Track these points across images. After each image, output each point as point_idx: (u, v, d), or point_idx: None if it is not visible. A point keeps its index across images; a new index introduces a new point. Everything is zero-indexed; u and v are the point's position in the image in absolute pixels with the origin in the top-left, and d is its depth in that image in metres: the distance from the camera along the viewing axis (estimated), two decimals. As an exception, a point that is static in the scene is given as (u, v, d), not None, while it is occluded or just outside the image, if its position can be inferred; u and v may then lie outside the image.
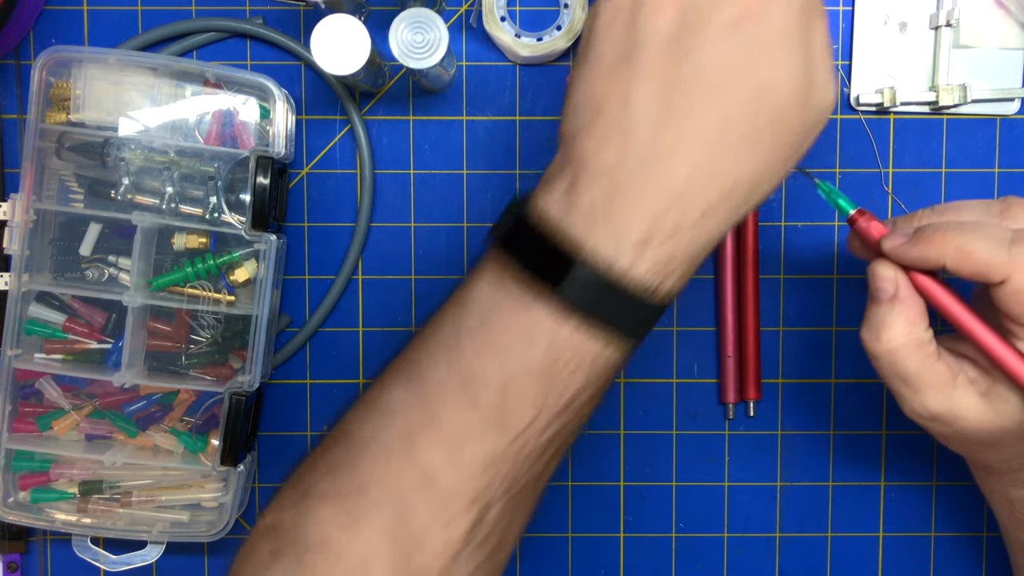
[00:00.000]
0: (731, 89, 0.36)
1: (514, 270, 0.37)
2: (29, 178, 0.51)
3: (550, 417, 0.38)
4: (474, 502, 0.37)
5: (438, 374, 0.38)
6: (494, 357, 0.37)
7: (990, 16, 0.54)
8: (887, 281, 0.43)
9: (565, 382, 0.37)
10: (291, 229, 0.56)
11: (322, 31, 0.47)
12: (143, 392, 0.54)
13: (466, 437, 0.37)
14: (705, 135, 0.36)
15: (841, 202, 0.45)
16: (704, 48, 0.36)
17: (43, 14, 0.55)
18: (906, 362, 0.42)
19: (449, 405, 0.38)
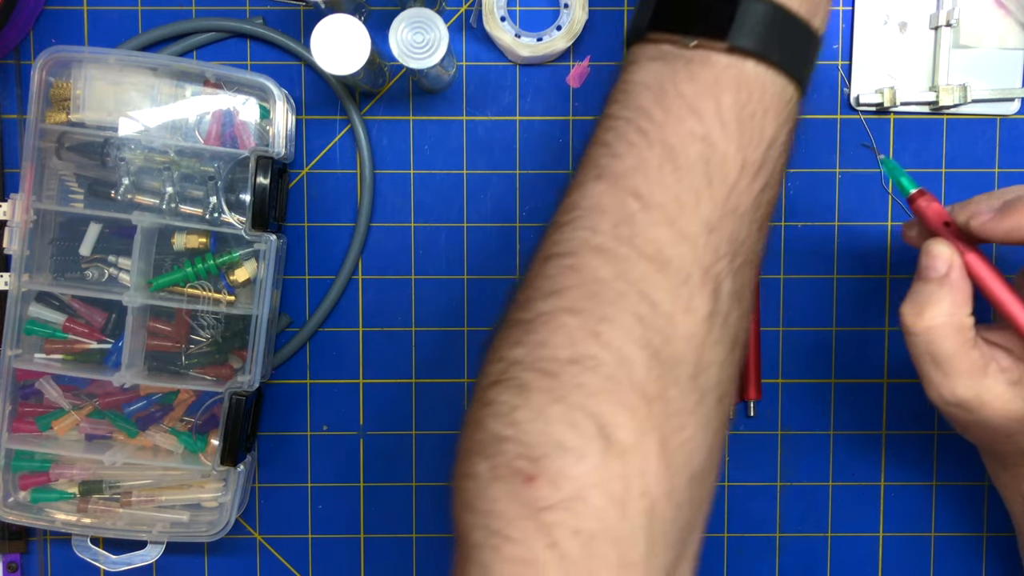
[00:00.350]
0: None
1: (671, 41, 0.36)
2: (29, 178, 0.51)
3: (754, 169, 0.36)
4: (706, 277, 0.35)
5: (630, 161, 0.36)
6: (683, 123, 0.36)
7: (990, 16, 0.54)
8: (941, 260, 0.43)
9: (759, 128, 0.36)
10: (291, 229, 0.56)
11: (322, 31, 0.47)
12: (143, 392, 0.54)
13: (680, 210, 0.35)
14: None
15: (904, 180, 0.45)
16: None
17: (43, 14, 0.55)
18: (944, 343, 0.42)
19: (654, 184, 0.35)
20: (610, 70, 0.55)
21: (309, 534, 0.57)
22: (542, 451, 0.33)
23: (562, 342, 0.34)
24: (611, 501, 0.32)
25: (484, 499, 0.34)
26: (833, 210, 0.56)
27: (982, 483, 0.57)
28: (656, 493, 0.33)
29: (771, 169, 0.37)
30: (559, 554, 0.32)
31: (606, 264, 0.35)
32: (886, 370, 0.57)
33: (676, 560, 0.35)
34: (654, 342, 0.34)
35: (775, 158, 0.37)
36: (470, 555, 0.34)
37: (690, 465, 0.34)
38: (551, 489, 0.32)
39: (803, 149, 0.55)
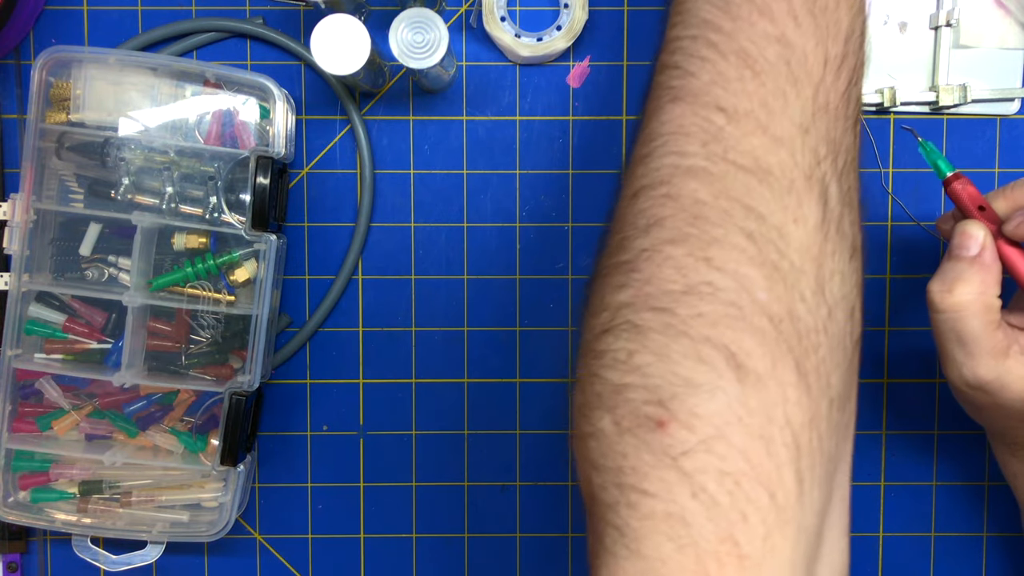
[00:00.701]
0: None
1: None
2: (29, 178, 0.51)
3: (837, 63, 0.34)
4: (811, 182, 0.33)
5: (705, 76, 0.34)
6: (755, 26, 0.34)
7: (990, 16, 0.54)
8: (974, 240, 0.43)
9: (834, 20, 0.34)
10: (291, 229, 0.56)
11: (322, 31, 0.47)
12: (143, 392, 0.54)
13: (770, 115, 0.33)
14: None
15: (940, 163, 0.45)
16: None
17: (43, 14, 0.55)
18: (971, 321, 0.42)
19: (737, 94, 0.34)
20: (610, 70, 0.55)
21: (309, 534, 0.57)
22: (670, 392, 0.30)
23: (671, 275, 0.31)
24: (754, 437, 0.29)
25: (613, 454, 0.31)
26: (833, 210, 0.56)
27: (982, 483, 0.57)
28: (799, 422, 0.30)
29: (854, 62, 0.35)
30: (706, 502, 0.29)
31: (703, 185, 0.32)
32: (886, 370, 0.57)
33: (826, 501, 0.33)
34: (770, 258, 0.31)
35: (855, 50, 0.35)
36: (604, 517, 0.31)
37: (829, 387, 0.32)
38: (687, 432, 0.29)
39: (803, 149, 0.55)
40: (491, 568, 0.57)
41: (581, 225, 0.56)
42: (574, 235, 0.56)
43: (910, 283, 0.56)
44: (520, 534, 0.57)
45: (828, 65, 0.34)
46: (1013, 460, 0.49)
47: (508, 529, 0.57)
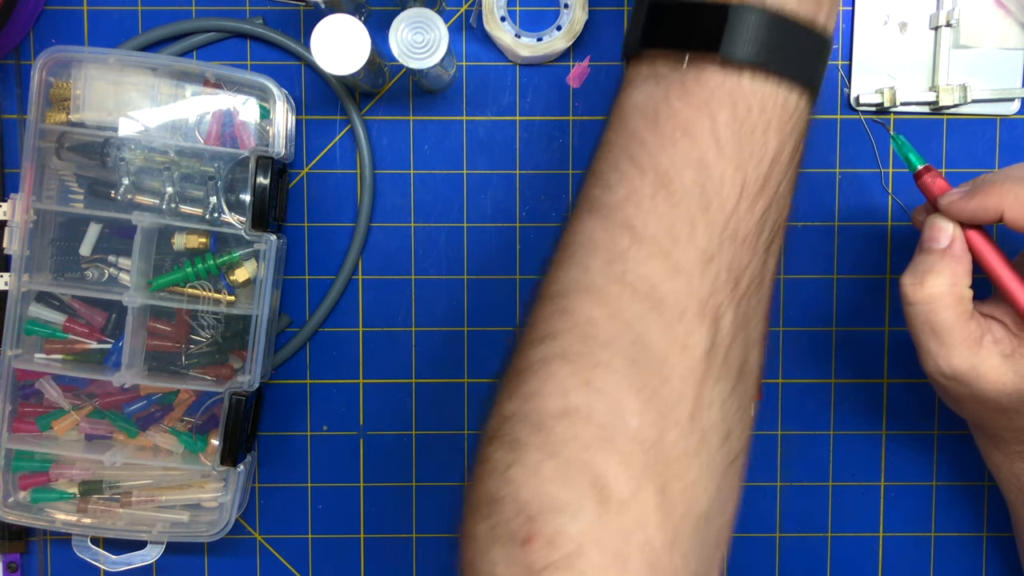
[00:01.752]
0: None
1: (665, 57, 0.35)
2: (29, 178, 0.51)
3: (755, 188, 0.34)
4: (704, 311, 0.33)
5: (622, 191, 0.35)
6: (676, 145, 0.34)
7: (990, 16, 0.54)
8: (944, 232, 0.44)
9: (760, 144, 0.34)
10: (291, 229, 0.56)
11: (322, 31, 0.47)
12: (143, 392, 0.54)
13: (675, 240, 0.34)
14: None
15: (911, 156, 0.46)
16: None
17: (43, 14, 0.55)
18: (943, 312, 0.43)
19: (647, 214, 0.34)
20: (610, 70, 0.55)
21: (309, 534, 0.57)
22: (537, 510, 0.32)
23: (553, 391, 0.33)
24: (611, 557, 0.31)
25: (484, 562, 0.33)
26: (833, 210, 0.56)
27: (982, 483, 0.57)
28: (658, 544, 0.32)
29: (776, 186, 0.35)
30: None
31: (598, 305, 0.34)
32: (886, 370, 0.57)
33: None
34: (650, 384, 0.33)
35: (781, 172, 0.35)
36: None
37: (694, 510, 0.33)
38: (548, 549, 0.31)
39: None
40: (491, 568, 0.57)
41: (581, 225, 0.56)
42: (574, 235, 0.56)
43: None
44: (520, 534, 0.57)
45: (745, 191, 0.34)
46: (996, 452, 0.49)
47: (508, 529, 0.57)
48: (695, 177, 0.34)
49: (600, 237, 0.35)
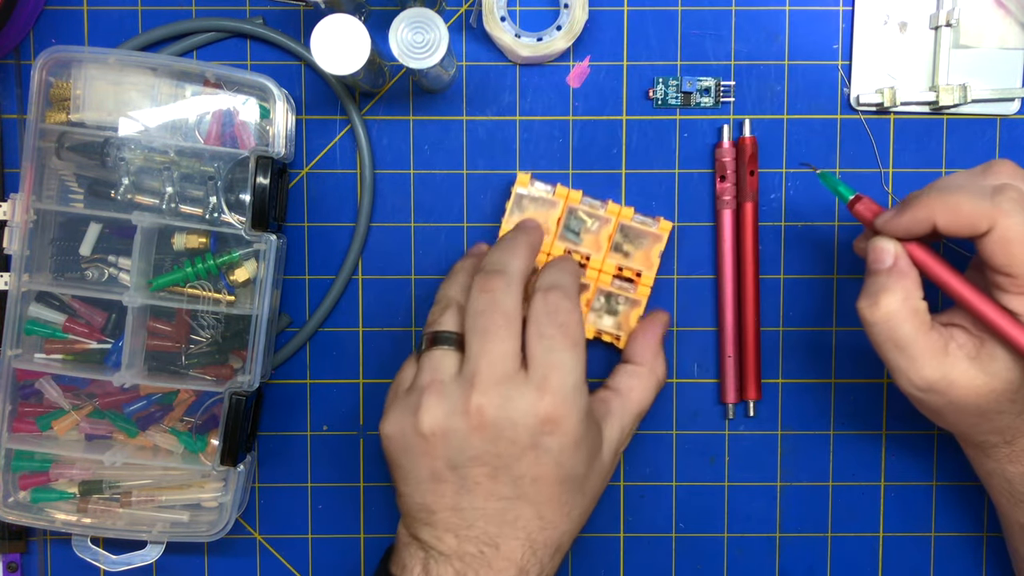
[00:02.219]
0: (541, 487, 0.46)
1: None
2: (29, 178, 0.51)
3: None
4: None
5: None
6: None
7: (990, 16, 0.54)
8: (886, 252, 0.45)
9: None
10: (291, 229, 0.56)
11: (322, 31, 0.47)
12: (143, 392, 0.54)
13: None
14: (529, 523, 0.46)
15: (841, 189, 0.48)
16: (516, 460, 0.45)
17: (43, 14, 0.55)
18: (903, 326, 0.44)
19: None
20: (610, 70, 0.55)
21: (309, 534, 0.57)
22: None
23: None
24: None
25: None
26: (833, 210, 0.56)
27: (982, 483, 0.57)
28: None
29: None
30: None
31: None
32: (886, 370, 0.57)
33: None
34: None
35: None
36: None
37: None
38: None
39: (803, 149, 0.56)
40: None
41: (581, 225, 0.56)
42: (574, 235, 0.56)
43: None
44: (520, 534, 0.57)
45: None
46: (986, 460, 0.49)
47: (508, 529, 0.57)
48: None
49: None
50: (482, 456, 0.45)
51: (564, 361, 0.45)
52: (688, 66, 0.55)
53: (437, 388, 0.45)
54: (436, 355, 0.47)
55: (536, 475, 0.45)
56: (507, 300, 0.46)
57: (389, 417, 0.47)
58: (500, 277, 0.47)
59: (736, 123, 0.55)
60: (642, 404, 0.51)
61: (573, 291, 0.48)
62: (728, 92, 0.55)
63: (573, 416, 0.45)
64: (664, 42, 0.55)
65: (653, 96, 0.55)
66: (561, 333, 0.46)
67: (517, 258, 0.48)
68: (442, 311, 0.48)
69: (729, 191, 0.55)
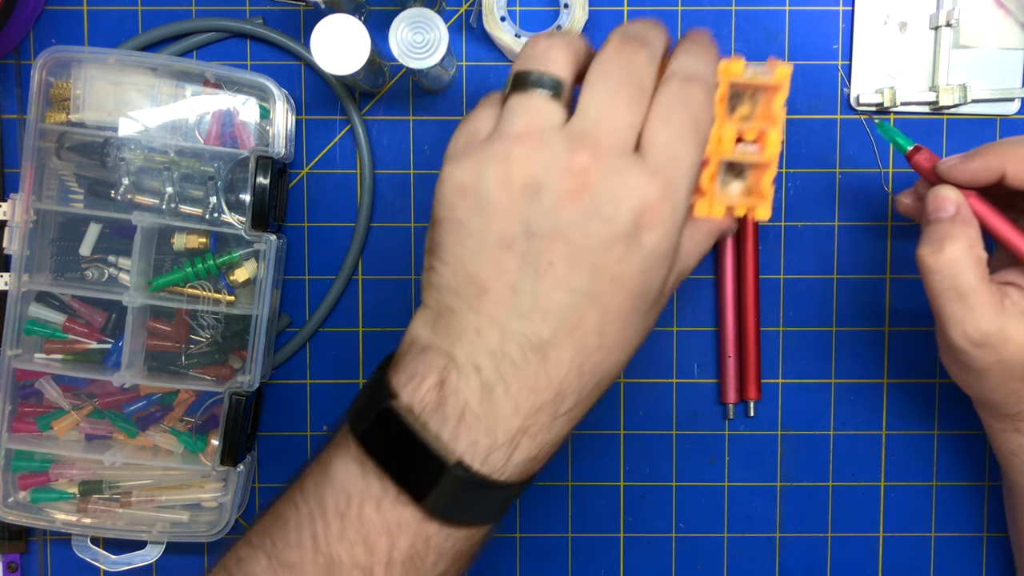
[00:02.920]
0: (617, 292, 0.37)
1: (378, 465, 0.37)
2: (29, 178, 0.51)
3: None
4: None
5: (301, 554, 0.38)
6: (356, 545, 0.37)
7: (990, 16, 0.54)
8: (949, 201, 0.45)
9: (428, 570, 0.38)
10: (291, 229, 0.56)
11: (322, 31, 0.47)
12: (143, 392, 0.54)
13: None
14: (588, 334, 0.37)
15: (899, 139, 0.47)
16: (603, 248, 0.37)
17: (43, 14, 0.55)
18: (966, 274, 0.43)
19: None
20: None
21: (309, 534, 0.57)
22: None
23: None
24: None
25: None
26: (833, 209, 0.56)
27: (982, 483, 0.57)
28: None
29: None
30: None
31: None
32: (886, 370, 0.57)
33: None
34: None
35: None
36: None
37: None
38: None
39: (803, 149, 0.56)
40: (490, 567, 0.57)
41: (581, 225, 0.56)
42: (574, 235, 0.56)
43: (910, 283, 0.56)
44: (520, 534, 0.57)
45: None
46: (1015, 435, 0.48)
47: (507, 528, 0.57)
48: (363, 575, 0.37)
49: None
50: (568, 230, 0.37)
51: (685, 156, 0.38)
52: (688, 66, 0.55)
53: (535, 136, 0.37)
54: (537, 99, 0.38)
55: (618, 274, 0.37)
56: (647, 72, 0.38)
57: (463, 163, 0.38)
58: (643, 46, 0.39)
59: (736, 123, 0.55)
60: (690, 262, 0.43)
61: (713, 89, 0.40)
62: (728, 92, 0.55)
63: (676, 218, 0.38)
64: (664, 42, 0.55)
65: (653, 96, 0.55)
66: (692, 126, 0.38)
67: (660, 39, 0.40)
68: (554, 47, 0.39)
69: (729, 191, 0.54)
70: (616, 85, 0.38)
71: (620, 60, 0.38)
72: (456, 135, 0.40)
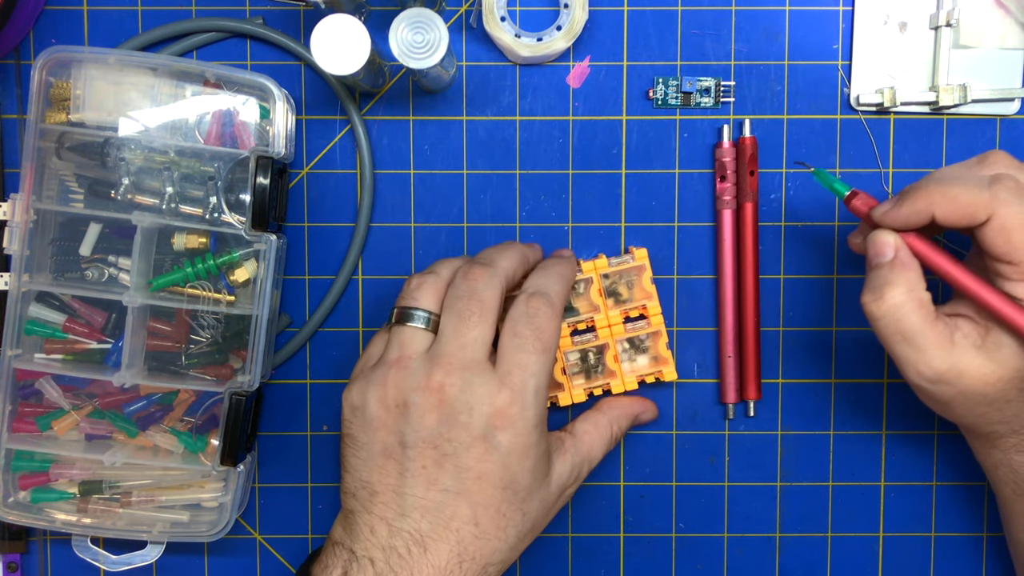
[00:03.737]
0: (483, 486, 0.45)
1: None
2: (29, 178, 0.51)
3: None
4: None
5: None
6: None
7: (990, 16, 0.54)
8: (887, 246, 0.46)
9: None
10: (291, 229, 0.56)
11: (322, 31, 0.47)
12: (143, 392, 0.54)
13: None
14: (463, 526, 0.45)
15: (836, 185, 0.48)
16: (465, 448, 0.45)
17: (43, 14, 0.55)
18: (909, 318, 0.44)
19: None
20: (610, 70, 0.55)
21: (309, 534, 0.57)
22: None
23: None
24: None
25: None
26: (833, 210, 0.56)
27: (982, 483, 0.57)
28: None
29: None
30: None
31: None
32: (886, 370, 0.57)
33: None
34: None
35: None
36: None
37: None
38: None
39: (803, 149, 0.56)
40: (491, 568, 0.58)
41: (581, 225, 0.56)
42: (574, 235, 0.56)
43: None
44: (520, 534, 0.57)
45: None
46: (992, 451, 0.49)
47: (508, 529, 0.57)
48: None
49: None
50: (434, 438, 0.45)
51: (530, 363, 0.46)
52: (688, 66, 0.55)
53: (404, 363, 0.46)
54: (407, 332, 0.47)
55: (481, 472, 0.45)
56: (487, 291, 0.47)
57: (353, 388, 0.47)
58: (485, 270, 0.48)
59: (736, 123, 0.55)
60: (593, 451, 0.51)
61: (558, 299, 0.48)
62: (728, 92, 0.55)
63: (526, 418, 0.46)
64: (664, 42, 0.55)
65: (653, 96, 0.55)
66: (534, 336, 0.46)
67: (507, 259, 0.49)
68: (421, 285, 0.48)
69: (729, 191, 0.55)
70: (461, 307, 0.46)
71: (464, 285, 0.47)
72: (358, 362, 0.50)
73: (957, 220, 0.44)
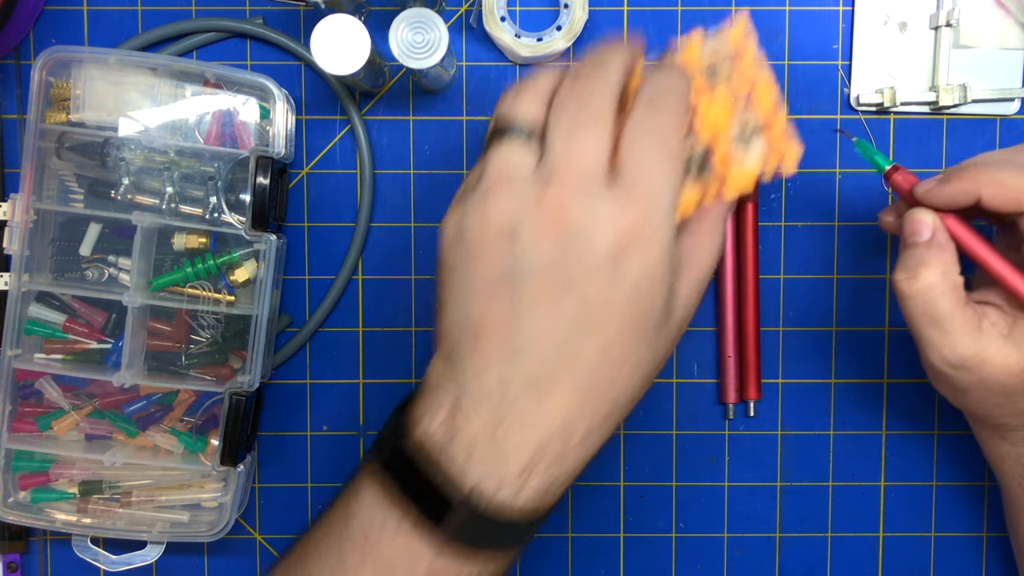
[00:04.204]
0: (611, 316, 0.38)
1: (395, 494, 0.38)
2: (29, 178, 0.51)
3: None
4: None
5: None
6: (376, 574, 0.39)
7: (990, 16, 0.54)
8: (925, 225, 0.45)
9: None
10: (291, 229, 0.56)
11: (322, 31, 0.47)
12: (143, 392, 0.54)
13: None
14: (589, 361, 0.38)
15: (878, 158, 0.47)
16: (587, 277, 0.38)
17: (43, 14, 0.55)
18: (941, 300, 0.43)
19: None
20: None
21: (309, 534, 0.57)
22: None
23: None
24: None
25: None
26: (833, 210, 0.56)
27: (982, 483, 0.57)
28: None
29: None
30: None
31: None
32: (886, 370, 0.57)
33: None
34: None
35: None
36: None
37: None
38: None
39: (803, 149, 0.55)
40: (491, 568, 0.58)
41: (581, 225, 0.56)
42: (574, 235, 0.56)
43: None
44: (520, 534, 0.57)
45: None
46: (1001, 443, 0.49)
47: (508, 529, 0.57)
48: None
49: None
50: (548, 267, 0.38)
51: (658, 174, 0.38)
52: (688, 66, 0.55)
53: (507, 181, 0.39)
54: (506, 148, 0.40)
55: (608, 300, 0.38)
56: (603, 97, 0.39)
57: (450, 218, 0.40)
58: (598, 67, 0.40)
59: (736, 123, 0.55)
60: (704, 266, 0.43)
61: (682, 107, 0.41)
62: (728, 92, 0.55)
63: (658, 240, 0.38)
64: (664, 42, 0.55)
65: (653, 96, 0.55)
66: (660, 144, 0.39)
67: (619, 56, 0.41)
68: (520, 93, 0.41)
69: (729, 191, 0.54)
70: (574, 117, 0.39)
71: (574, 92, 0.40)
72: (457, 191, 0.42)
73: (1002, 204, 0.43)
